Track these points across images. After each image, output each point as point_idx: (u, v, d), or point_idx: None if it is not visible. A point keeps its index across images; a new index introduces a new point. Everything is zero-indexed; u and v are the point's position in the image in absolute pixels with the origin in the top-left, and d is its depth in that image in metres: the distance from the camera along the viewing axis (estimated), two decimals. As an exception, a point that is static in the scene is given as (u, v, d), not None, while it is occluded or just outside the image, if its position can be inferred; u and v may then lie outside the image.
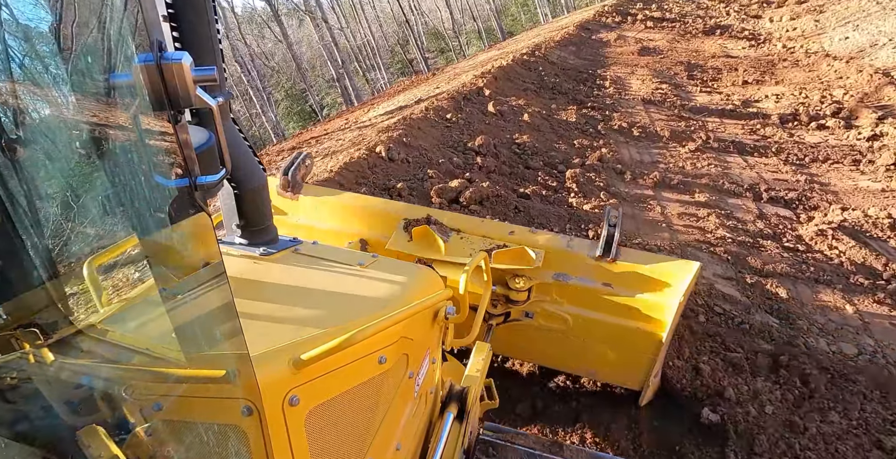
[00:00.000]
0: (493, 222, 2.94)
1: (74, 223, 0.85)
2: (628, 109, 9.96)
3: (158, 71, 0.75)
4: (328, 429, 1.12)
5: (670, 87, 11.92)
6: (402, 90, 15.44)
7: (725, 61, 15.19)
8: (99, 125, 0.79)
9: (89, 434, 0.80)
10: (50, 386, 0.84)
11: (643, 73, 13.19)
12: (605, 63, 14.31)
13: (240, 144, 1.50)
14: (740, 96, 11.62)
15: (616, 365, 2.94)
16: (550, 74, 11.54)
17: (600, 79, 12.20)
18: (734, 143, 8.47)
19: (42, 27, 0.72)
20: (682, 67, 14.12)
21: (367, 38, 35.95)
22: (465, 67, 16.44)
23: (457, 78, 12.28)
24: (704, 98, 11.39)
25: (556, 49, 14.50)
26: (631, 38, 18.27)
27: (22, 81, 0.73)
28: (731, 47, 18.00)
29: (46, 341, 0.83)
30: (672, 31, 20.26)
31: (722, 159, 7.83)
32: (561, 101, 9.80)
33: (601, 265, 2.69)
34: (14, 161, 0.70)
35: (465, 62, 19.69)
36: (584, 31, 18.64)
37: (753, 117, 10.09)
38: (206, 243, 0.87)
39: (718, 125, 9.53)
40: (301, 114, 40.31)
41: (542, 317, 2.92)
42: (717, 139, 8.46)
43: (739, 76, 13.55)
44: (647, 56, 15.59)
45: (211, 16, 1.24)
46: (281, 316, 1.23)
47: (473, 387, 1.95)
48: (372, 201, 3.18)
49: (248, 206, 1.54)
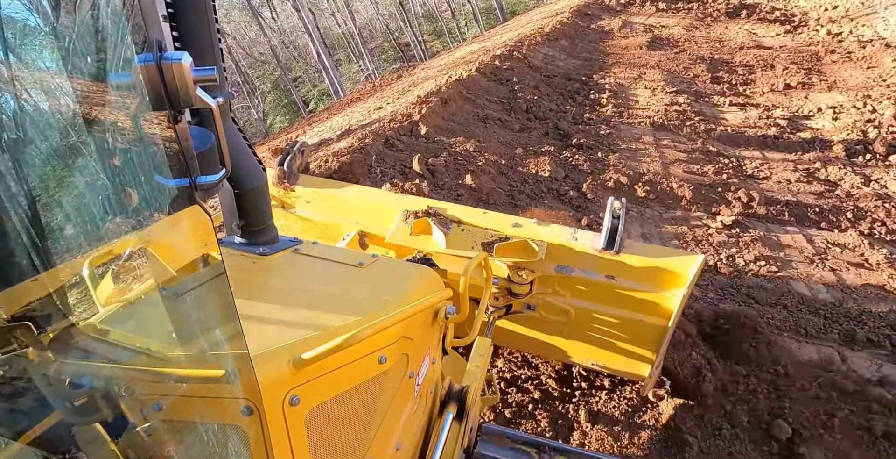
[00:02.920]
0: (495, 214, 2.84)
1: (73, 223, 0.85)
2: (631, 143, 7.11)
3: (158, 71, 0.75)
4: (328, 429, 1.12)
5: (689, 98, 9.00)
6: (358, 99, 12.60)
7: (757, 55, 12.13)
8: (99, 125, 0.79)
9: (89, 434, 0.85)
10: (50, 386, 0.84)
11: (653, 76, 10.23)
12: (604, 63, 11.31)
13: (240, 143, 1.46)
14: (784, 111, 8.69)
15: (618, 357, 2.90)
16: (528, 87, 8.65)
17: (595, 90, 9.27)
18: (789, 204, 5.65)
19: (42, 27, 0.74)
20: (704, 66, 11.12)
21: (349, 23, 32.67)
22: (435, 67, 13.51)
23: (411, 91, 9.45)
24: (737, 116, 8.48)
25: (542, 45, 11.52)
26: (639, 26, 15.13)
27: (22, 79, 0.74)
28: (761, 34, 14.83)
29: (40, 334, 0.81)
30: (689, 13, 17.04)
31: (774, 241, 5.04)
32: (535, 133, 6.97)
33: (604, 258, 2.64)
34: (13, 160, 0.71)
35: (438, 60, 16.63)
36: (582, 19, 15.47)
37: (807, 147, 7.23)
38: (206, 243, 0.88)
39: (761, 165, 6.69)
40: (289, 107, 37.87)
41: (544, 309, 2.87)
42: (765, 199, 5.64)
43: (778, 77, 10.54)
44: (659, 50, 12.55)
45: (211, 16, 1.21)
46: (281, 316, 1.22)
47: (473, 385, 1.91)
48: (371, 193, 3.12)
49: (248, 206, 1.51)
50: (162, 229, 0.84)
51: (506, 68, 9.04)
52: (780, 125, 7.97)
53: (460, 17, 39.96)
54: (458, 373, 2.07)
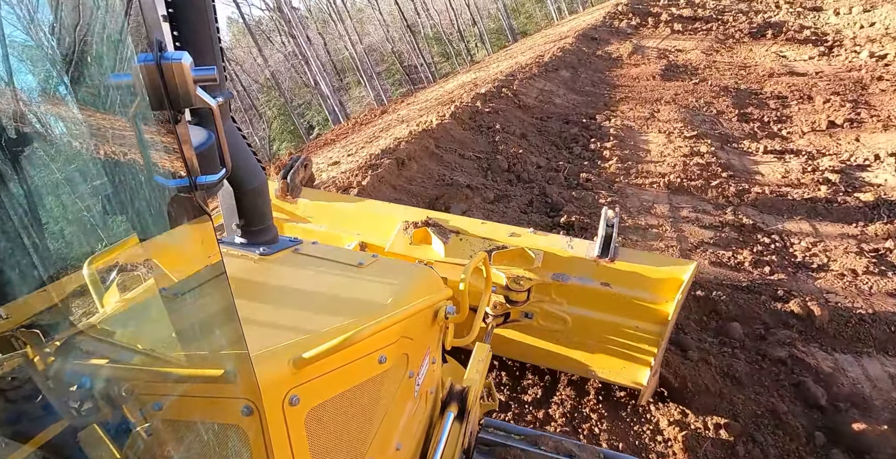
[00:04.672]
0: (493, 224, 2.91)
1: (74, 224, 0.86)
2: (640, 216, 5.52)
3: (158, 71, 0.74)
4: (328, 429, 1.12)
5: (714, 144, 7.40)
6: (343, 135, 11.24)
7: (791, 84, 10.48)
8: (99, 125, 0.79)
9: (89, 435, 0.83)
10: (50, 386, 0.84)
11: (669, 115, 8.65)
12: (610, 99, 9.76)
13: (240, 143, 1.48)
14: (833, 159, 7.03)
15: (615, 365, 2.90)
16: (514, 136, 7.13)
17: (598, 136, 7.71)
18: (863, 321, 3.99)
19: (42, 28, 0.73)
20: (729, 100, 9.51)
21: (357, 46, 31.72)
22: (419, 103, 12.12)
23: (382, 136, 8.02)
24: (774, 169, 6.83)
25: (539, 78, 10.03)
26: (651, 51, 13.58)
27: (21, 80, 0.74)
28: (792, 57, 13.17)
29: (48, 342, 0.82)
30: (707, 34, 15.47)
31: (855, 389, 3.38)
32: (515, 204, 5.41)
33: (600, 265, 2.67)
34: (14, 161, 0.71)
35: (427, 92, 15.21)
36: (588, 44, 13.95)
37: (870, 214, 5.57)
38: (206, 243, 0.88)
39: (812, 246, 5.05)
40: (295, 132, 37.19)
41: (542, 317, 2.89)
42: (829, 313, 3.99)
43: (819, 112, 8.88)
44: (675, 80, 10.98)
45: (211, 16, 1.22)
46: (281, 316, 1.22)
47: (474, 387, 1.90)
48: (371, 204, 3.16)
49: (247, 206, 1.52)
50: (163, 230, 0.83)
51: (489, 111, 7.55)
52: (830, 181, 6.32)
53: (469, 37, 39.00)
54: (457, 379, 2.02)
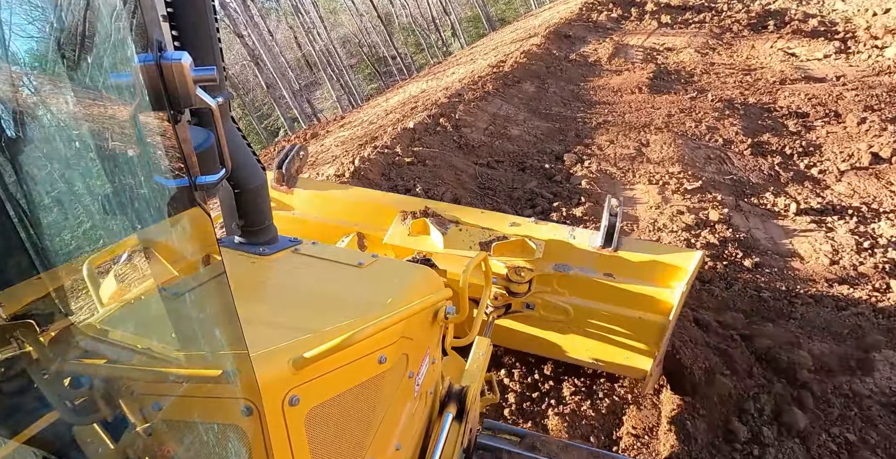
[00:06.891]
0: (493, 213, 2.88)
1: (73, 222, 0.85)
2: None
3: (158, 71, 0.74)
4: (328, 429, 1.12)
5: (724, 201, 5.26)
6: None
7: (809, 94, 8.36)
8: (99, 125, 0.79)
9: (89, 434, 0.84)
10: (50, 386, 0.84)
11: (662, 151, 6.48)
12: (584, 126, 7.51)
13: (239, 144, 1.47)
14: (891, 219, 4.93)
15: (618, 355, 2.88)
16: (443, 200, 4.94)
17: (565, 194, 5.47)
18: None
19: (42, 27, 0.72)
20: (738, 121, 7.37)
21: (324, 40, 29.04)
22: (355, 126, 9.84)
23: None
24: (819, 249, 4.69)
25: (494, 96, 7.79)
26: (636, 51, 11.32)
27: (21, 80, 0.74)
28: (803, 56, 11.02)
29: (41, 333, 0.82)
30: (700, 28, 13.26)
31: None
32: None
33: (602, 255, 2.65)
34: (13, 160, 0.71)
35: (372, 107, 12.84)
36: (560, 44, 11.61)
37: None
38: (206, 242, 0.87)
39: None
40: (266, 132, 34.59)
41: (544, 308, 2.86)
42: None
43: (855, 138, 6.77)
44: (667, 92, 8.80)
45: (211, 16, 1.21)
46: (280, 316, 1.22)
47: (473, 385, 1.89)
48: (369, 194, 3.15)
49: (247, 206, 1.51)
50: (162, 230, 0.84)
51: (410, 162, 5.33)
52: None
53: (444, 27, 36.50)
54: (457, 373, 2.04)
